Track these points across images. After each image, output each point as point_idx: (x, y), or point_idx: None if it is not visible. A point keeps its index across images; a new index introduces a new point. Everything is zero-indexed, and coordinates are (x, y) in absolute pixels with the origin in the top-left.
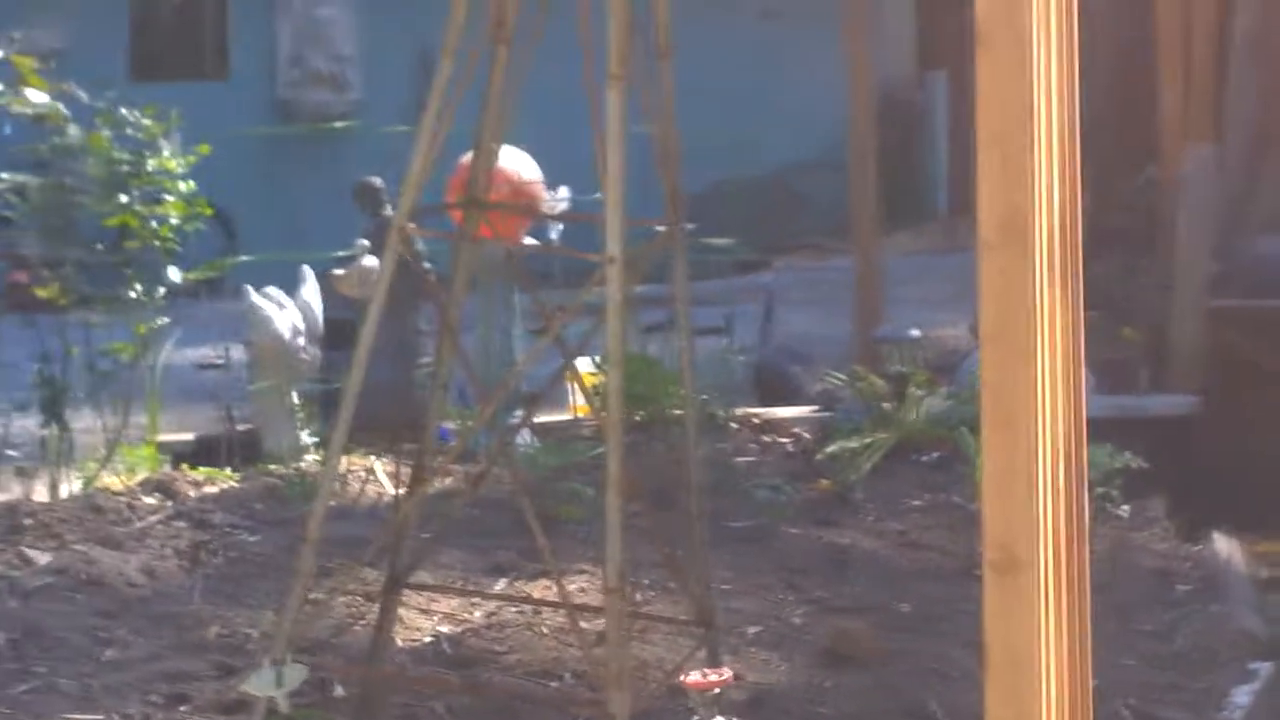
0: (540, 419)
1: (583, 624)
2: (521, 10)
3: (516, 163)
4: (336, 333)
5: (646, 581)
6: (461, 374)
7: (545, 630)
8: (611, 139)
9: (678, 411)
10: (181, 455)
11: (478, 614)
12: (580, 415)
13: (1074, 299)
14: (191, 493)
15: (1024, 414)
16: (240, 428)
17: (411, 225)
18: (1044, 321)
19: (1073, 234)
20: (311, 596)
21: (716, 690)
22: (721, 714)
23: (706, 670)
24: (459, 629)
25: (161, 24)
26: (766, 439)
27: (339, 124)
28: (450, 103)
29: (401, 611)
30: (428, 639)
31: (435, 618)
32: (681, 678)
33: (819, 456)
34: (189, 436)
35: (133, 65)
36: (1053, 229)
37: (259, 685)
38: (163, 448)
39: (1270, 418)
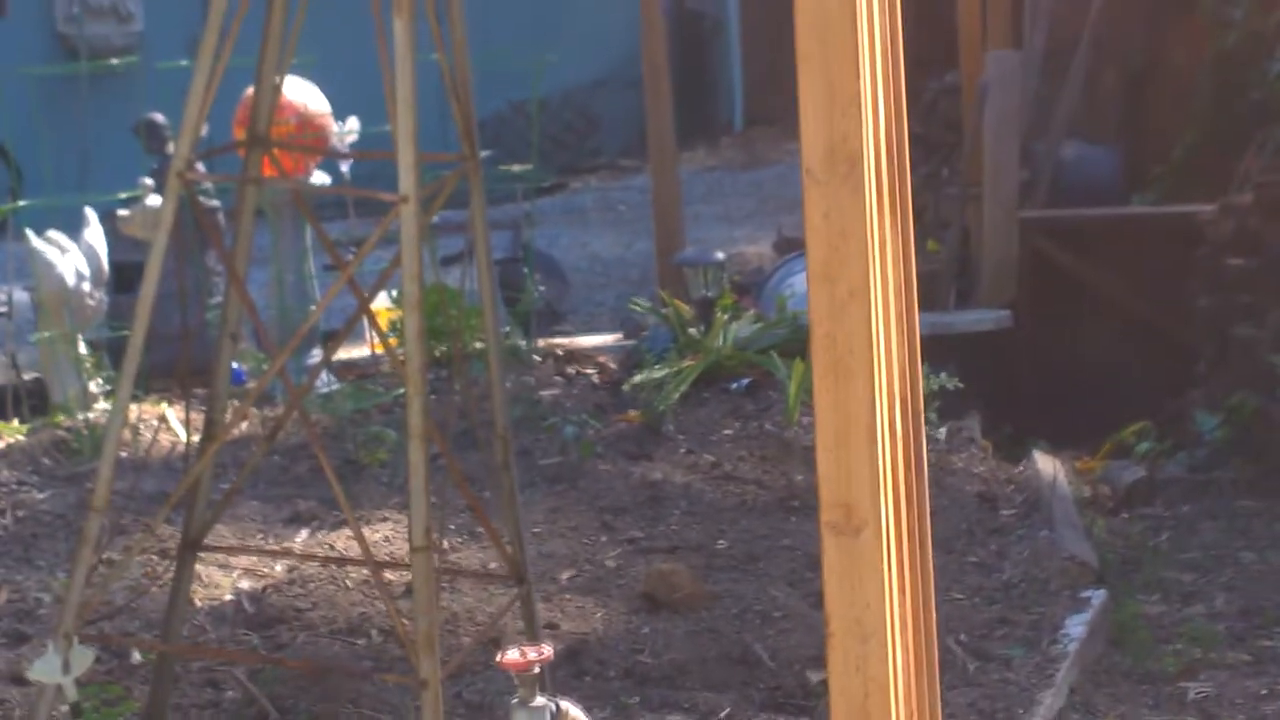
0: (340, 358)
1: (389, 575)
2: None
3: (303, 94)
4: (124, 276)
5: (453, 527)
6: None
7: (349, 584)
8: (401, 71)
9: (480, 345)
10: None
11: (279, 568)
12: (379, 352)
13: (904, 229)
14: None
15: (861, 361)
16: (26, 376)
17: (192, 169)
18: (876, 257)
19: (900, 158)
20: (105, 557)
21: (536, 669)
22: (543, 692)
23: (525, 648)
24: (260, 585)
25: None
26: (571, 370)
27: (119, 60)
28: (227, 37)
29: (200, 569)
30: (228, 597)
31: (235, 573)
32: (499, 658)
33: (626, 387)
34: None
35: None
36: (879, 155)
37: (44, 671)
38: None
39: (1083, 330)
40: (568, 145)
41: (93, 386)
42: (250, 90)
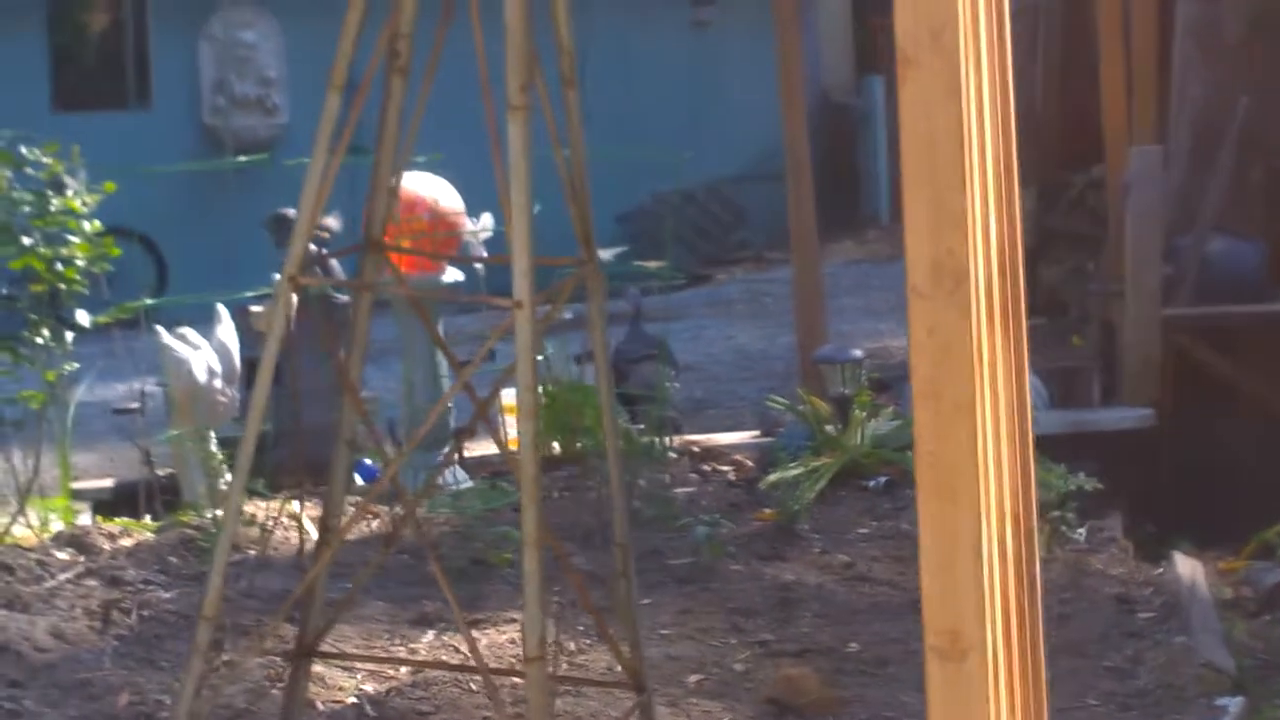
0: (474, 454)
1: (514, 680)
2: (420, 39)
3: (436, 190)
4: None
5: (581, 627)
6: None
7: (474, 688)
8: (515, 174)
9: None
10: (101, 503)
11: (403, 670)
12: (514, 448)
13: (1017, 345)
14: (106, 546)
15: (967, 481)
16: (160, 473)
17: (308, 272)
18: (985, 376)
19: (1013, 275)
20: (225, 659)
21: None
22: None
23: None
24: (383, 687)
25: (83, 53)
26: (707, 468)
27: (261, 154)
28: (343, 133)
29: (323, 669)
30: (350, 700)
31: (358, 675)
32: None
33: (762, 485)
34: (107, 483)
35: (55, 97)
36: (990, 273)
37: None
38: (79, 496)
39: (1228, 428)
40: (714, 237)
41: (222, 484)
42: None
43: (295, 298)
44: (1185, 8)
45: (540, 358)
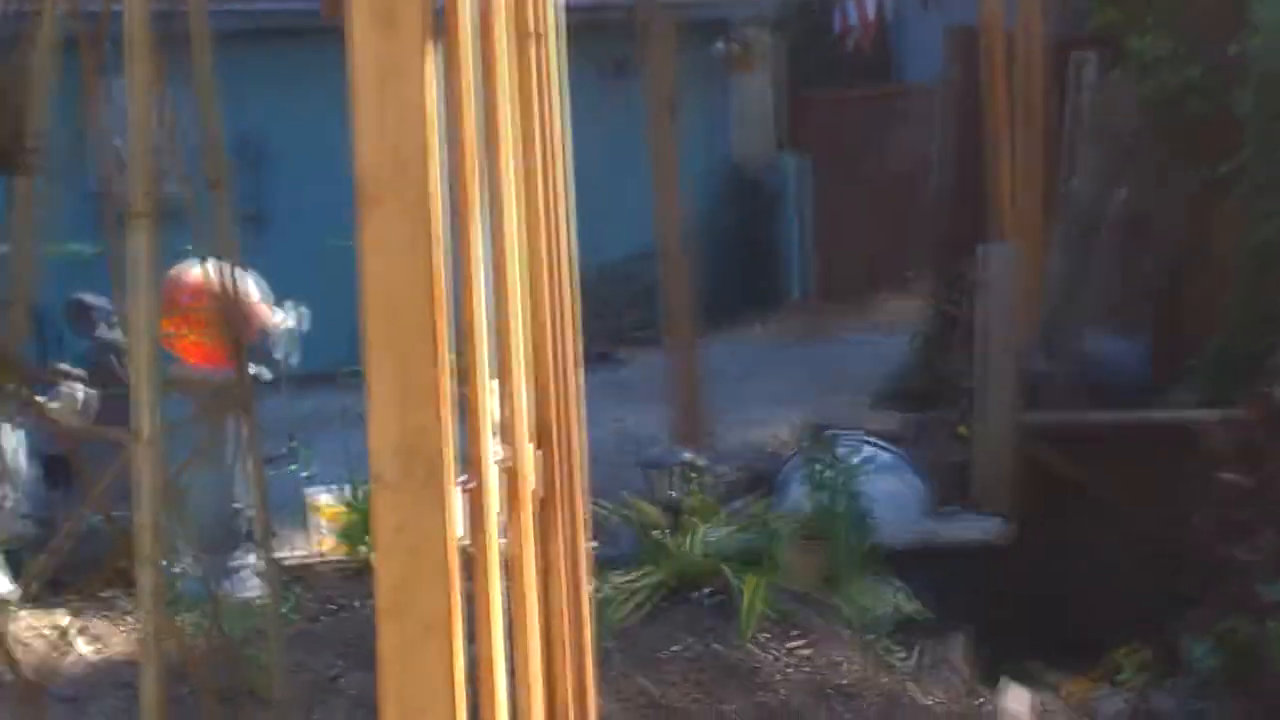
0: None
1: None
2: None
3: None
4: (58, 467)
5: None
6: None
7: None
8: (138, 287)
9: None
10: None
11: None
12: (324, 550)
13: (570, 549)
14: None
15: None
16: None
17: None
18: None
19: (563, 458)
20: None
21: None
22: None
23: None
24: None
25: None
26: None
27: None
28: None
29: None
30: None
31: None
32: None
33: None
34: None
35: None
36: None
37: None
38: None
39: (1082, 541)
40: (616, 314)
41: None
42: (173, 272)
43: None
44: (1075, 96)
45: None
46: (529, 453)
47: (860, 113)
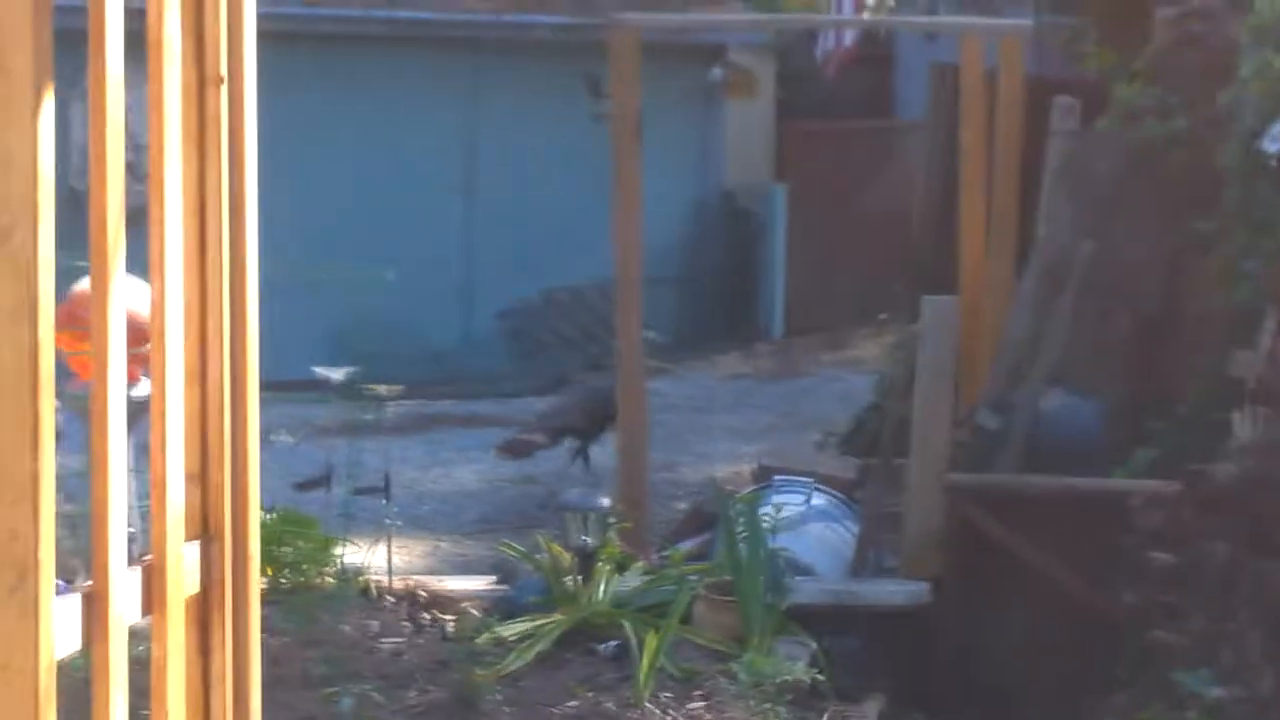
0: None
1: None
2: None
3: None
4: None
5: None
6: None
7: None
8: None
9: (331, 579)
10: None
11: None
12: None
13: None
14: None
15: None
16: None
17: None
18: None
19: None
20: None
21: None
22: None
23: None
24: None
25: None
26: (427, 617)
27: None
28: None
29: None
30: None
31: None
32: None
33: (478, 642)
34: None
35: None
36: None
37: None
38: None
39: (1011, 611)
40: (600, 339)
41: None
42: (76, 289)
43: None
44: (1053, 142)
45: None
46: (180, 547)
47: (849, 146)
